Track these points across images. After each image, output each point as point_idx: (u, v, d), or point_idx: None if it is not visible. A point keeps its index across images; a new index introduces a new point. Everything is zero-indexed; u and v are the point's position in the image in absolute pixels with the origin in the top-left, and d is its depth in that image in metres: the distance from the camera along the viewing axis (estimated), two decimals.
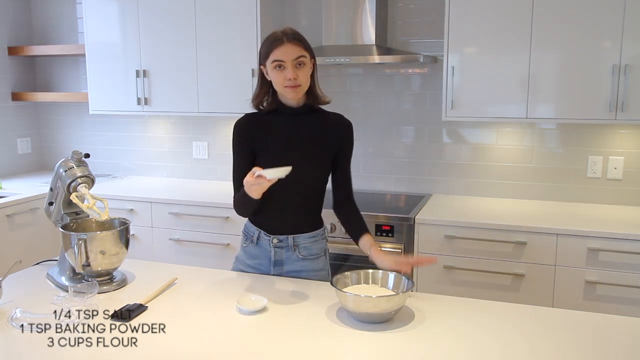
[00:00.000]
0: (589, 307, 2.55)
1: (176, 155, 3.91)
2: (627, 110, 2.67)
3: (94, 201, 1.80)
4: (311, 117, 1.93)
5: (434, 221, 2.80)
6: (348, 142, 1.98)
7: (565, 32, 2.72)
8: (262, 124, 1.92)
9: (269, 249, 1.95)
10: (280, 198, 1.87)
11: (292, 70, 1.78)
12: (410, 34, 3.28)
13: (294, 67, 1.78)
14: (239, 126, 1.97)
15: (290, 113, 1.90)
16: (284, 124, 1.91)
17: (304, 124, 1.91)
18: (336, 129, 1.95)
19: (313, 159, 1.91)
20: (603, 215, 2.85)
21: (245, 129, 1.95)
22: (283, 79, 1.79)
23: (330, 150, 1.94)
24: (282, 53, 1.77)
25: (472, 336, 1.50)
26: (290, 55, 1.77)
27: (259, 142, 1.91)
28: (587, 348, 1.44)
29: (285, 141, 1.90)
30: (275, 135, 1.90)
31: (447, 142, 3.33)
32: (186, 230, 3.28)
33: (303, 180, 1.87)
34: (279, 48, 1.78)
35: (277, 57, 1.78)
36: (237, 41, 3.24)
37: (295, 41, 1.79)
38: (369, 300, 1.54)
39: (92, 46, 3.59)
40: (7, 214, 3.21)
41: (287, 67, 1.78)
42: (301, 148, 1.89)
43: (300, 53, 1.79)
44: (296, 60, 1.78)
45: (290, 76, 1.78)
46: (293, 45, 1.78)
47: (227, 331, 1.54)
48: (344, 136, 1.96)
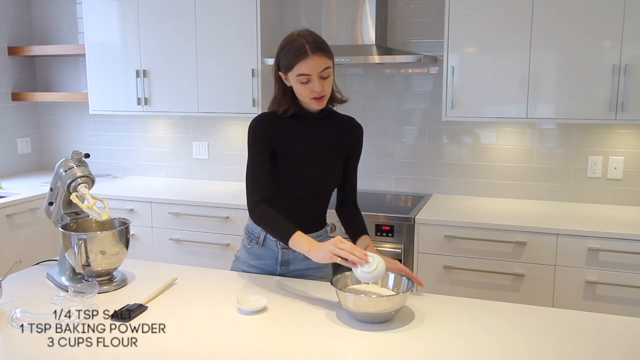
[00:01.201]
0: (589, 307, 2.56)
1: (176, 155, 3.91)
2: (627, 110, 2.67)
3: (94, 201, 1.80)
4: (327, 121, 1.91)
5: (434, 221, 2.80)
6: (359, 146, 1.99)
7: (565, 32, 2.72)
8: (284, 125, 1.85)
9: (276, 250, 1.94)
10: (292, 201, 1.87)
11: (319, 83, 1.72)
12: (410, 34, 3.28)
13: (320, 79, 1.72)
14: (259, 124, 1.86)
15: (310, 117, 1.87)
16: (305, 128, 1.87)
17: (322, 128, 1.89)
18: (350, 134, 1.96)
19: (330, 164, 1.91)
20: (603, 215, 2.85)
21: (266, 128, 1.85)
22: (309, 92, 1.74)
23: (344, 154, 1.95)
24: (308, 67, 1.69)
25: (472, 336, 1.50)
26: (317, 69, 1.70)
27: (281, 143, 1.84)
28: (587, 348, 1.44)
29: (309, 145, 1.87)
30: (300, 138, 1.86)
31: (447, 142, 3.33)
32: (186, 230, 3.28)
33: (320, 181, 1.90)
34: (305, 61, 1.69)
35: (303, 72, 1.70)
36: (237, 41, 3.24)
37: (320, 52, 1.70)
38: (369, 301, 1.54)
39: (92, 46, 3.59)
40: (7, 214, 3.21)
41: (314, 80, 1.71)
42: (320, 150, 1.88)
43: (326, 65, 1.72)
44: (322, 72, 1.72)
45: (317, 89, 1.72)
46: (319, 57, 1.70)
47: (227, 331, 1.54)
48: (357, 141, 1.98)
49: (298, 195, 1.88)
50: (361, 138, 2.00)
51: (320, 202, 1.98)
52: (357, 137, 1.98)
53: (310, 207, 1.95)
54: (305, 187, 1.88)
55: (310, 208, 1.95)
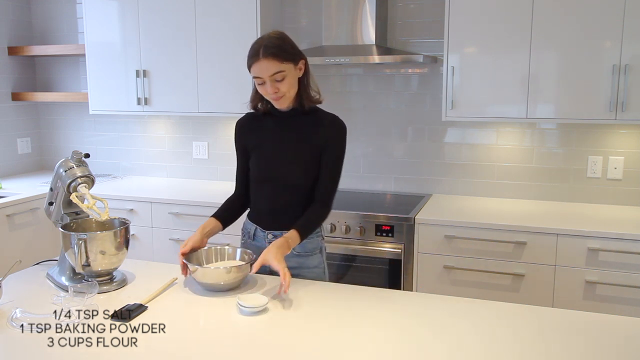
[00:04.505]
0: (589, 307, 2.56)
1: (176, 155, 3.91)
2: (627, 110, 2.67)
3: (94, 201, 1.80)
4: (302, 119, 1.95)
5: (434, 221, 2.80)
6: (334, 142, 1.94)
7: (565, 32, 2.72)
8: (256, 125, 2.01)
9: (265, 245, 1.95)
10: (272, 195, 1.95)
11: (271, 85, 1.81)
12: (410, 34, 3.28)
13: (273, 82, 1.81)
14: (236, 125, 2.07)
15: (282, 115, 1.96)
16: (275, 126, 1.98)
17: (294, 125, 1.96)
18: (324, 129, 1.95)
19: (300, 158, 1.94)
20: (603, 215, 2.85)
21: (240, 129, 2.05)
22: (265, 92, 1.86)
23: (316, 148, 1.94)
24: (258, 70, 1.80)
25: (472, 336, 1.50)
26: (266, 72, 1.79)
27: (250, 142, 2.01)
28: (587, 348, 1.44)
29: (275, 141, 1.97)
30: (266, 137, 1.98)
31: (447, 142, 3.33)
32: (186, 230, 3.27)
33: (290, 178, 1.95)
34: (257, 64, 1.79)
35: (255, 74, 1.82)
36: (237, 41, 3.24)
37: (270, 57, 1.77)
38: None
39: (92, 46, 3.59)
40: (7, 214, 3.21)
41: (266, 82, 1.81)
42: (289, 148, 1.95)
43: (276, 69, 1.79)
44: (273, 76, 1.80)
45: (269, 91, 1.83)
46: (268, 62, 1.77)
47: (226, 331, 1.54)
48: (331, 136, 1.94)
49: (269, 191, 1.95)
50: (338, 134, 1.95)
51: (302, 197, 1.96)
52: (332, 133, 1.94)
53: (291, 202, 1.96)
54: (273, 182, 1.93)
55: (292, 204, 1.96)
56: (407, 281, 2.84)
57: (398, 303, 1.75)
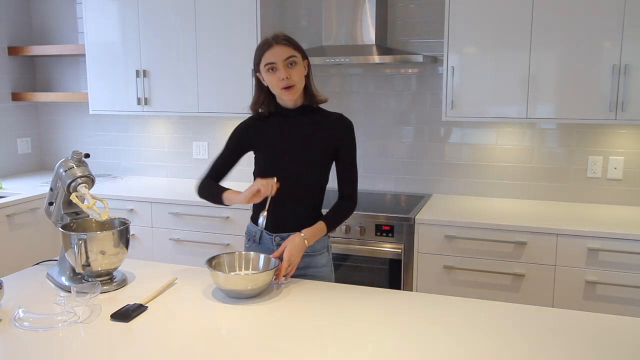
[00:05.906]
0: (589, 307, 2.56)
1: (176, 155, 3.91)
2: (627, 110, 2.67)
3: (94, 201, 1.80)
4: (309, 117, 1.97)
5: (434, 221, 2.80)
6: (347, 140, 1.99)
7: (565, 32, 2.72)
8: (263, 126, 2.00)
9: (272, 248, 1.96)
10: (280, 196, 1.90)
11: (285, 70, 1.85)
12: (410, 34, 3.29)
13: (286, 67, 1.85)
14: (240, 128, 2.05)
15: (288, 115, 1.96)
16: (283, 125, 1.97)
17: (302, 124, 1.96)
18: (334, 128, 1.98)
19: (310, 158, 1.95)
20: (603, 215, 2.85)
21: (245, 133, 2.03)
22: (277, 80, 1.86)
23: (327, 148, 1.96)
24: (272, 55, 1.85)
25: (472, 336, 1.50)
26: (280, 56, 1.85)
27: (257, 144, 2.01)
28: (587, 348, 1.44)
29: (283, 141, 1.96)
30: (275, 136, 1.97)
31: (447, 142, 3.33)
32: (186, 230, 3.28)
33: (301, 178, 1.94)
34: (269, 51, 1.85)
35: (268, 60, 1.86)
36: (237, 41, 3.24)
37: (284, 42, 1.86)
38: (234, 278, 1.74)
39: (92, 46, 3.59)
40: (7, 214, 3.21)
41: (279, 67, 1.85)
42: (298, 147, 1.95)
43: (290, 53, 1.86)
44: (287, 60, 1.85)
45: (282, 76, 1.85)
46: (282, 47, 1.86)
47: (227, 331, 1.54)
48: (342, 134, 1.98)
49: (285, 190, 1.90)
50: (349, 133, 2.00)
51: (311, 197, 1.99)
52: (343, 132, 1.99)
53: (301, 203, 1.97)
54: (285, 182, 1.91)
55: (301, 204, 1.97)
56: (407, 281, 2.84)
57: (398, 303, 1.75)
